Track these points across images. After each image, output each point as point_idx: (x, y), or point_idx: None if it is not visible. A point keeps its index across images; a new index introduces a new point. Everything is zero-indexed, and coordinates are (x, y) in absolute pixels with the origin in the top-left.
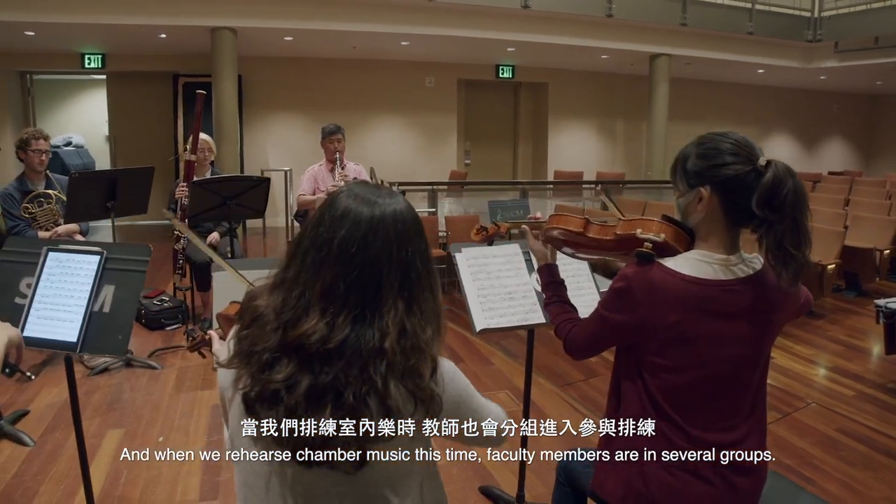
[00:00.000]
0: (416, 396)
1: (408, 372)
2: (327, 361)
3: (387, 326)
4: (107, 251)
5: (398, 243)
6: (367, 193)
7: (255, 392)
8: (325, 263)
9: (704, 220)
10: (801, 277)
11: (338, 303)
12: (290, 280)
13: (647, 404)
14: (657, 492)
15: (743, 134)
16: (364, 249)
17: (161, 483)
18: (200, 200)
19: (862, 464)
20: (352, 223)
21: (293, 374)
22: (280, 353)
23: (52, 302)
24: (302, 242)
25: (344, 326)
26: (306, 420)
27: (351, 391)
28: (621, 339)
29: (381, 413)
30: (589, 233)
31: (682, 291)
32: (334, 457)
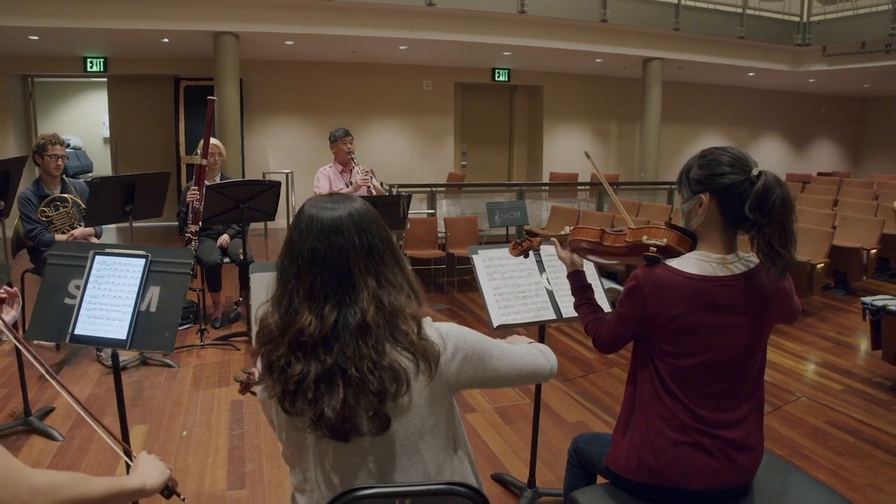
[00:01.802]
0: (410, 351)
1: (395, 333)
2: (326, 347)
3: (364, 304)
4: (151, 254)
5: (358, 233)
6: (324, 203)
7: (281, 392)
8: (303, 270)
9: (704, 223)
10: (787, 273)
11: (320, 297)
12: (279, 295)
13: (659, 387)
14: (666, 464)
15: (734, 135)
16: (331, 248)
17: (189, 474)
18: (214, 204)
19: (849, 453)
20: (317, 230)
21: (304, 367)
22: (290, 355)
23: (101, 302)
24: (283, 260)
25: (330, 314)
26: (326, 402)
27: (352, 365)
28: (637, 331)
29: (386, 375)
30: (605, 241)
31: (684, 287)
32: (361, 425)
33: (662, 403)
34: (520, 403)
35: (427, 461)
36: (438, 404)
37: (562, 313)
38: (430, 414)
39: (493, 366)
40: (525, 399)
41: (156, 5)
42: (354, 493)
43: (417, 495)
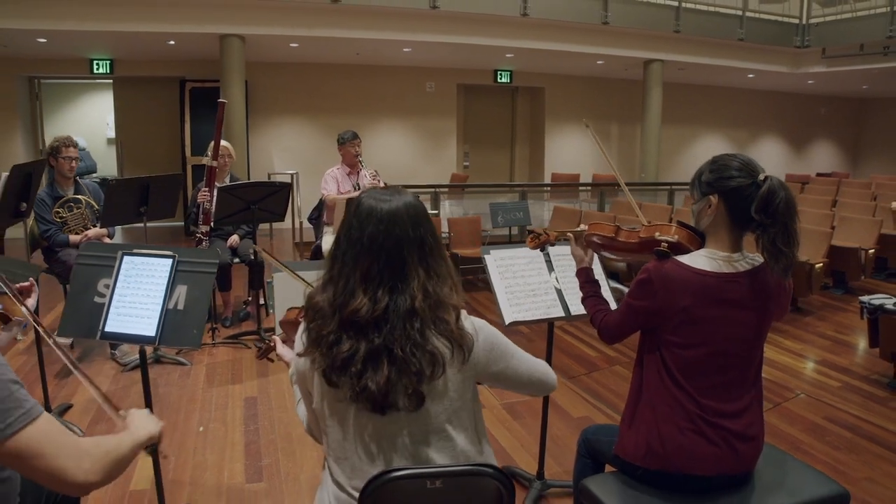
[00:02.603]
0: (448, 339)
1: (437, 321)
2: (377, 328)
3: (414, 291)
4: (178, 255)
5: (412, 226)
6: (381, 195)
7: (328, 365)
8: (361, 255)
9: (713, 223)
10: (789, 271)
11: (375, 281)
12: (335, 276)
13: (665, 377)
14: (672, 451)
15: (734, 136)
16: (388, 237)
17: (208, 468)
18: (226, 205)
19: (847, 448)
20: (376, 219)
21: (353, 345)
22: (341, 331)
23: (130, 301)
24: (340, 245)
25: (383, 298)
26: (370, 377)
27: (399, 346)
28: (645, 322)
29: (426, 358)
30: (619, 237)
31: (691, 280)
32: (399, 401)
33: (669, 393)
34: (527, 400)
35: (456, 443)
36: (465, 390)
37: (570, 311)
38: (458, 398)
39: (514, 366)
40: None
41: (163, 8)
42: (388, 475)
43: (447, 476)
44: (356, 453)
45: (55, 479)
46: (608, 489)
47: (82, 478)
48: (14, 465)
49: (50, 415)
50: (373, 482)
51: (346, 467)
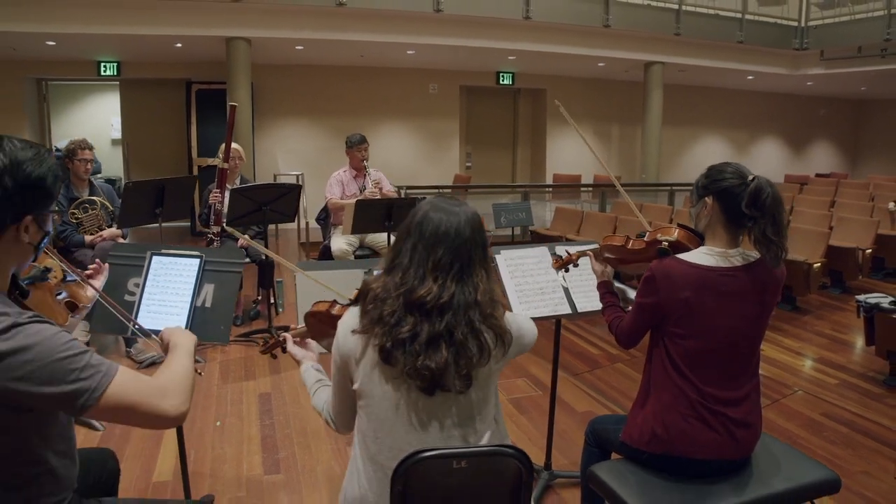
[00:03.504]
0: (495, 332)
1: (489, 316)
2: (440, 313)
3: (477, 285)
4: (205, 255)
5: (477, 231)
6: (447, 204)
7: (389, 343)
8: (435, 247)
9: (710, 223)
10: (780, 259)
11: (445, 271)
12: (405, 263)
13: (669, 367)
14: (675, 436)
15: (733, 137)
16: (459, 236)
17: (227, 461)
18: (239, 206)
19: (844, 443)
20: (447, 221)
21: (415, 326)
22: (404, 312)
23: (159, 299)
24: (409, 238)
25: (450, 287)
26: (430, 357)
27: (459, 331)
28: (653, 318)
29: (477, 346)
30: (628, 245)
31: (690, 275)
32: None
33: (672, 382)
34: (532, 395)
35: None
36: (495, 378)
37: (577, 308)
38: (491, 385)
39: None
40: (537, 391)
41: (170, 12)
42: (419, 455)
43: (473, 456)
44: (401, 431)
45: (151, 420)
46: (615, 474)
47: (174, 411)
48: (111, 418)
49: (125, 367)
50: (404, 462)
51: (387, 445)
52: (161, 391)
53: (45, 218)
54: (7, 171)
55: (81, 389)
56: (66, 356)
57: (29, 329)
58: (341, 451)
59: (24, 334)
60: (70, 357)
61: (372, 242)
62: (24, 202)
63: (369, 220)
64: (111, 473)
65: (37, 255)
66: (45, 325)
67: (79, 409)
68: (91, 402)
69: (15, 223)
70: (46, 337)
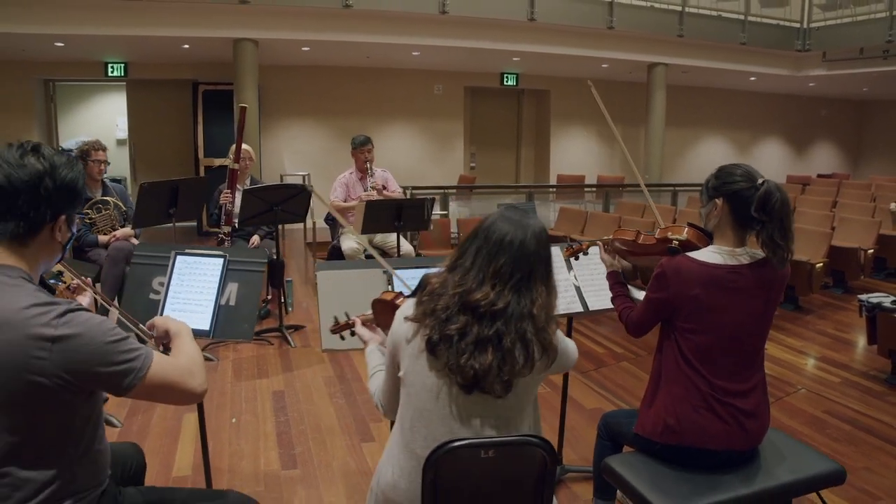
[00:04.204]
0: (543, 346)
1: (542, 330)
2: (492, 319)
3: (535, 299)
4: (228, 255)
5: (542, 247)
6: (518, 216)
7: (437, 337)
8: (498, 254)
9: (719, 223)
10: (786, 261)
11: (504, 280)
12: (467, 264)
13: (681, 361)
14: (687, 427)
15: (736, 137)
16: (523, 248)
17: (244, 456)
18: (251, 206)
19: (846, 440)
20: (514, 232)
21: (465, 326)
22: (457, 311)
23: (184, 297)
24: (475, 241)
25: (507, 296)
26: (475, 358)
27: (508, 339)
28: (662, 312)
29: (523, 356)
30: (639, 240)
31: (699, 272)
32: (491, 386)
33: (684, 376)
34: (542, 392)
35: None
36: (535, 389)
37: (588, 307)
38: (528, 393)
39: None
40: (547, 389)
41: (179, 13)
42: (449, 445)
43: (499, 445)
44: (437, 422)
45: (182, 397)
46: (628, 465)
47: (199, 388)
48: (146, 396)
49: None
50: (436, 451)
51: (421, 435)
52: (188, 371)
53: (73, 219)
54: (47, 174)
55: (129, 369)
56: (114, 339)
57: (80, 315)
58: (355, 447)
59: (77, 319)
60: (118, 340)
61: (381, 243)
62: (59, 203)
63: (378, 221)
64: (139, 467)
65: (63, 255)
66: (90, 312)
67: (125, 387)
68: (137, 381)
69: (51, 222)
70: (96, 322)
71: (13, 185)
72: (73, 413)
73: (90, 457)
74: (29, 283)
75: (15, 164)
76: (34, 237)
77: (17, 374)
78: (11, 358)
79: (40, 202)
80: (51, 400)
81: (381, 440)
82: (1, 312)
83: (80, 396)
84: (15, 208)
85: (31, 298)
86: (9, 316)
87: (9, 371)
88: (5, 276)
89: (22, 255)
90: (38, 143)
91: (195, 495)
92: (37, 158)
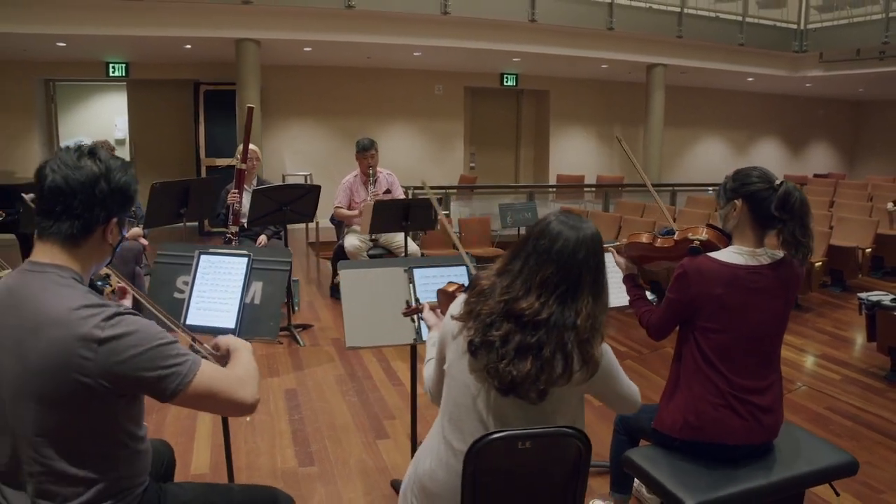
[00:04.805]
0: (584, 359)
1: (584, 342)
2: (535, 328)
3: (580, 310)
4: (252, 254)
5: (593, 255)
6: (571, 220)
7: (479, 340)
8: (546, 263)
9: (738, 223)
10: (808, 258)
11: (550, 289)
12: (515, 271)
13: (700, 360)
14: (706, 423)
15: (734, 137)
16: (572, 257)
17: (261, 454)
18: (260, 206)
19: (848, 436)
20: (564, 239)
21: (508, 333)
22: (501, 317)
23: (209, 296)
24: (526, 247)
25: (552, 306)
26: (515, 365)
27: (549, 349)
28: (684, 312)
29: (562, 366)
30: (656, 244)
31: (721, 272)
32: (527, 392)
33: (704, 374)
34: None
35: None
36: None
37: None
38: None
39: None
40: None
41: (182, 14)
42: (489, 437)
43: (535, 437)
44: (473, 420)
45: (230, 407)
46: (648, 458)
47: (251, 399)
48: (193, 405)
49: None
50: (477, 443)
51: (457, 430)
52: (239, 381)
53: (124, 222)
54: (103, 177)
55: (175, 374)
56: (161, 343)
57: (128, 318)
58: (371, 444)
59: (125, 322)
60: (165, 345)
61: (387, 242)
62: (112, 205)
63: (386, 221)
64: (170, 463)
65: (112, 258)
66: (139, 315)
67: (170, 394)
68: (182, 387)
69: (103, 224)
70: (144, 325)
71: (70, 186)
72: (118, 413)
73: (134, 455)
74: (80, 284)
75: (72, 165)
76: (87, 238)
77: (65, 372)
78: (59, 357)
79: (94, 204)
80: (95, 399)
81: (396, 437)
82: (52, 311)
83: (123, 399)
84: (70, 209)
85: (82, 299)
86: (60, 315)
87: (56, 369)
88: (57, 276)
89: (74, 256)
90: (94, 146)
91: (234, 491)
92: (93, 161)
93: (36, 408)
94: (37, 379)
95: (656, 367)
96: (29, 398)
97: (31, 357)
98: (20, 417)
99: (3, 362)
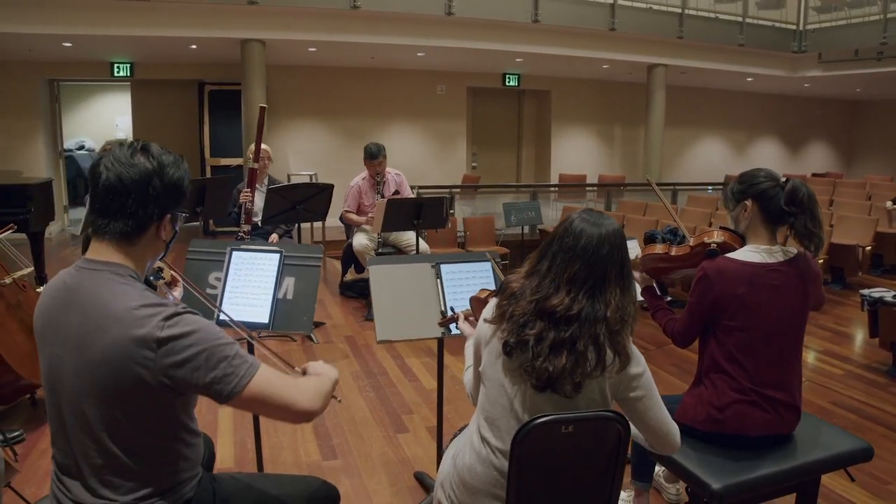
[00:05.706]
0: (615, 350)
1: (614, 333)
2: (568, 323)
3: (609, 302)
4: (284, 250)
5: (617, 249)
6: (593, 218)
7: (513, 341)
8: (572, 260)
9: (750, 223)
10: (821, 249)
11: (578, 285)
12: (543, 270)
13: (722, 357)
14: (729, 416)
15: (733, 137)
16: (597, 253)
17: (284, 448)
18: (274, 205)
19: (853, 429)
20: (588, 236)
21: (542, 331)
22: (533, 317)
23: (241, 292)
24: (552, 247)
25: (582, 301)
26: (550, 361)
27: (582, 342)
28: (708, 314)
29: (596, 359)
30: (672, 252)
31: (741, 271)
32: (563, 386)
33: (727, 369)
34: None
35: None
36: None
37: None
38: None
39: (647, 404)
40: None
41: (187, 14)
42: (533, 422)
43: (578, 421)
44: (509, 418)
45: (287, 413)
46: None
47: (309, 406)
48: (249, 407)
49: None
50: (522, 429)
51: (494, 427)
52: (298, 388)
53: (178, 217)
54: (156, 173)
55: (232, 376)
56: (220, 344)
57: (188, 318)
58: (391, 437)
59: (184, 322)
60: (224, 346)
61: (395, 241)
62: (166, 201)
63: (398, 219)
64: (210, 454)
65: (166, 253)
66: (198, 315)
67: (226, 395)
68: (238, 388)
69: (157, 221)
70: (203, 326)
71: (124, 183)
72: (176, 408)
73: (190, 448)
74: (138, 283)
75: (126, 163)
76: (141, 235)
77: (126, 370)
78: (120, 355)
79: (148, 201)
80: (155, 396)
81: (416, 431)
82: (111, 309)
83: (182, 396)
84: (125, 207)
85: (141, 299)
86: (119, 313)
87: (118, 367)
88: (115, 275)
89: (129, 254)
90: (148, 142)
91: (282, 480)
92: (146, 158)
93: (97, 403)
94: (98, 375)
95: (663, 364)
96: (90, 394)
97: (93, 354)
98: (81, 413)
99: (64, 358)
